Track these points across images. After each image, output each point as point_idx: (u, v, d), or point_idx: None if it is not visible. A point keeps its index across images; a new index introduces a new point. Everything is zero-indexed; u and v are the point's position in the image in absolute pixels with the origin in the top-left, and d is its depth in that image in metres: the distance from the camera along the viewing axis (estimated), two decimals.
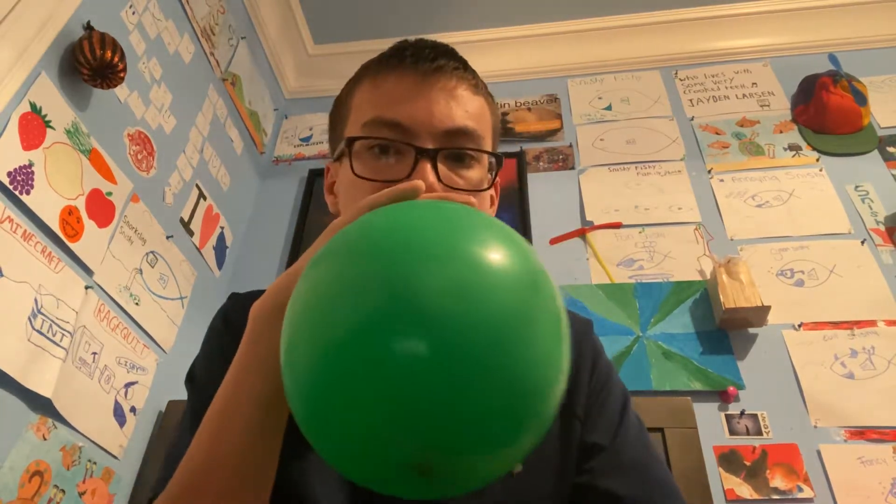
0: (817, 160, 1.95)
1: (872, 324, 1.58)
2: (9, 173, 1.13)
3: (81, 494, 1.24)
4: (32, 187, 1.18)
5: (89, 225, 1.33)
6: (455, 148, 0.55)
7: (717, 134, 2.08)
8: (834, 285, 1.67)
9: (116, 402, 1.37)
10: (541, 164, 2.11)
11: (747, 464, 1.41)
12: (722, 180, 1.95)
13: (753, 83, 2.20)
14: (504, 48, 2.38)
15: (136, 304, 1.47)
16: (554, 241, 1.90)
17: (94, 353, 1.31)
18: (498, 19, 2.36)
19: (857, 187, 1.86)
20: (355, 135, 0.56)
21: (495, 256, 0.35)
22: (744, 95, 2.17)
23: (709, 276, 1.70)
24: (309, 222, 2.07)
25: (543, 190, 2.03)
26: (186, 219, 1.74)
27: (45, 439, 1.16)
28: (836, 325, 1.60)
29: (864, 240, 1.74)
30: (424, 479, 0.33)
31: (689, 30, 2.31)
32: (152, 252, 1.56)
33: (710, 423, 1.47)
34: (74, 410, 1.23)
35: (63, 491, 1.19)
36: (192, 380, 0.62)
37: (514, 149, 2.14)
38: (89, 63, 1.29)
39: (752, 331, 1.61)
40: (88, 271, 1.33)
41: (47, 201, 1.22)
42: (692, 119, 2.13)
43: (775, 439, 1.44)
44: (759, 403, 1.50)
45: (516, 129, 2.21)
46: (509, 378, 0.33)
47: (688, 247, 1.81)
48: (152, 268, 1.55)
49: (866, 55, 2.17)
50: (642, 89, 2.26)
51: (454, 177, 0.55)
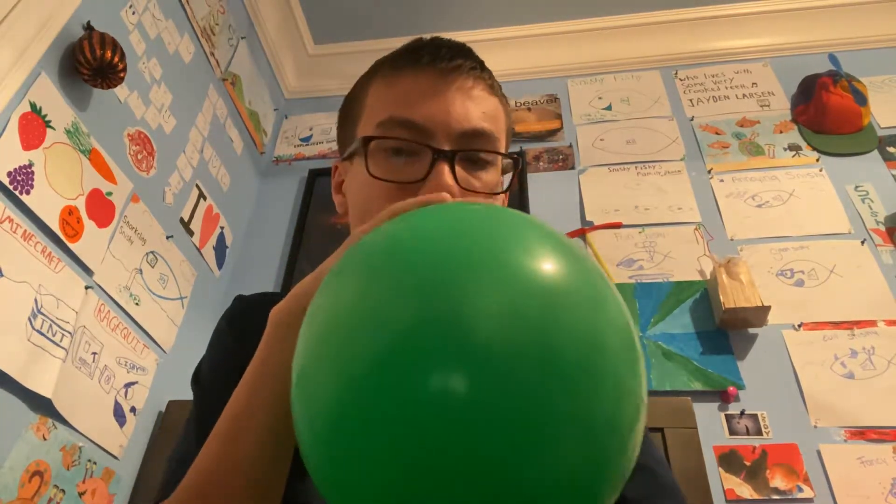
0: (817, 160, 1.95)
1: (872, 324, 1.58)
2: (9, 173, 1.13)
3: (81, 494, 1.24)
4: (32, 187, 1.18)
5: (89, 225, 1.33)
6: (473, 150, 0.54)
7: (717, 134, 2.08)
8: (834, 285, 1.67)
9: (116, 402, 1.37)
10: (541, 164, 2.11)
11: (747, 464, 1.41)
12: (722, 180, 1.95)
13: (753, 83, 2.20)
14: (504, 48, 2.38)
15: (136, 304, 1.47)
16: None
17: (94, 353, 1.31)
18: (498, 19, 2.36)
19: (857, 187, 1.86)
20: (370, 134, 0.55)
21: (551, 268, 0.29)
22: (744, 95, 2.17)
23: (709, 276, 1.70)
24: (309, 222, 2.07)
25: (543, 190, 2.02)
26: (186, 219, 1.74)
27: (45, 439, 1.16)
28: (836, 325, 1.60)
29: (864, 240, 1.74)
30: None
31: (689, 30, 2.31)
32: (152, 252, 1.56)
33: (710, 423, 1.47)
34: (74, 410, 1.23)
35: (63, 491, 1.19)
36: (197, 382, 0.61)
37: (514, 149, 2.13)
38: (89, 63, 1.29)
39: (752, 331, 1.61)
40: (88, 271, 1.33)
41: (47, 201, 1.22)
42: (692, 119, 2.13)
43: (775, 439, 1.44)
44: (759, 403, 1.50)
45: (516, 129, 2.21)
46: (583, 424, 0.26)
47: (688, 247, 1.81)
48: (152, 268, 1.55)
49: (866, 55, 2.17)
50: (642, 89, 2.26)
51: (471, 179, 0.54)
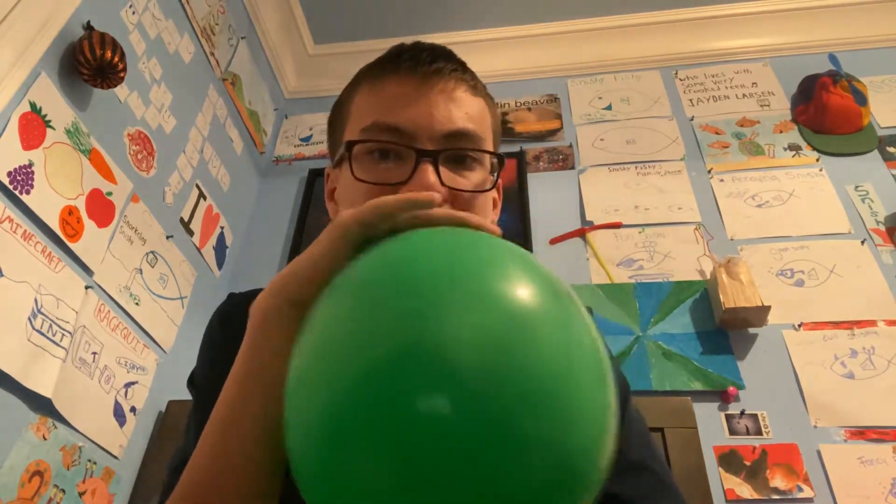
0: (817, 160, 1.95)
1: (872, 324, 1.58)
2: (9, 173, 1.13)
3: (81, 494, 1.24)
4: (32, 187, 1.18)
5: (89, 225, 1.33)
6: (456, 149, 0.54)
7: (717, 134, 2.08)
8: (834, 285, 1.67)
9: (116, 402, 1.37)
10: (541, 164, 2.11)
11: (747, 464, 1.41)
12: (722, 180, 1.95)
13: (753, 83, 2.20)
14: (504, 48, 2.38)
15: (136, 304, 1.47)
16: (554, 241, 1.90)
17: (94, 353, 1.31)
18: (498, 19, 2.36)
19: (857, 187, 1.86)
20: (354, 139, 0.56)
21: (528, 297, 0.32)
22: (744, 95, 2.17)
23: (709, 276, 1.70)
24: (309, 222, 2.07)
25: (543, 190, 2.02)
26: (186, 219, 1.74)
27: (45, 439, 1.16)
28: (836, 325, 1.60)
29: (864, 240, 1.74)
30: None
31: (689, 30, 2.31)
32: (152, 252, 1.56)
33: (710, 423, 1.47)
34: (74, 410, 1.23)
35: (63, 491, 1.19)
36: (192, 383, 0.61)
37: (514, 149, 2.13)
38: (89, 63, 1.29)
39: (752, 331, 1.61)
40: (88, 271, 1.33)
41: (47, 201, 1.22)
42: (692, 119, 2.13)
43: (775, 439, 1.44)
44: (759, 403, 1.50)
45: (516, 129, 2.21)
46: (551, 446, 0.29)
47: (688, 247, 1.81)
48: (152, 268, 1.55)
49: (866, 55, 2.17)
50: (642, 89, 2.26)
51: (458, 178, 0.54)
